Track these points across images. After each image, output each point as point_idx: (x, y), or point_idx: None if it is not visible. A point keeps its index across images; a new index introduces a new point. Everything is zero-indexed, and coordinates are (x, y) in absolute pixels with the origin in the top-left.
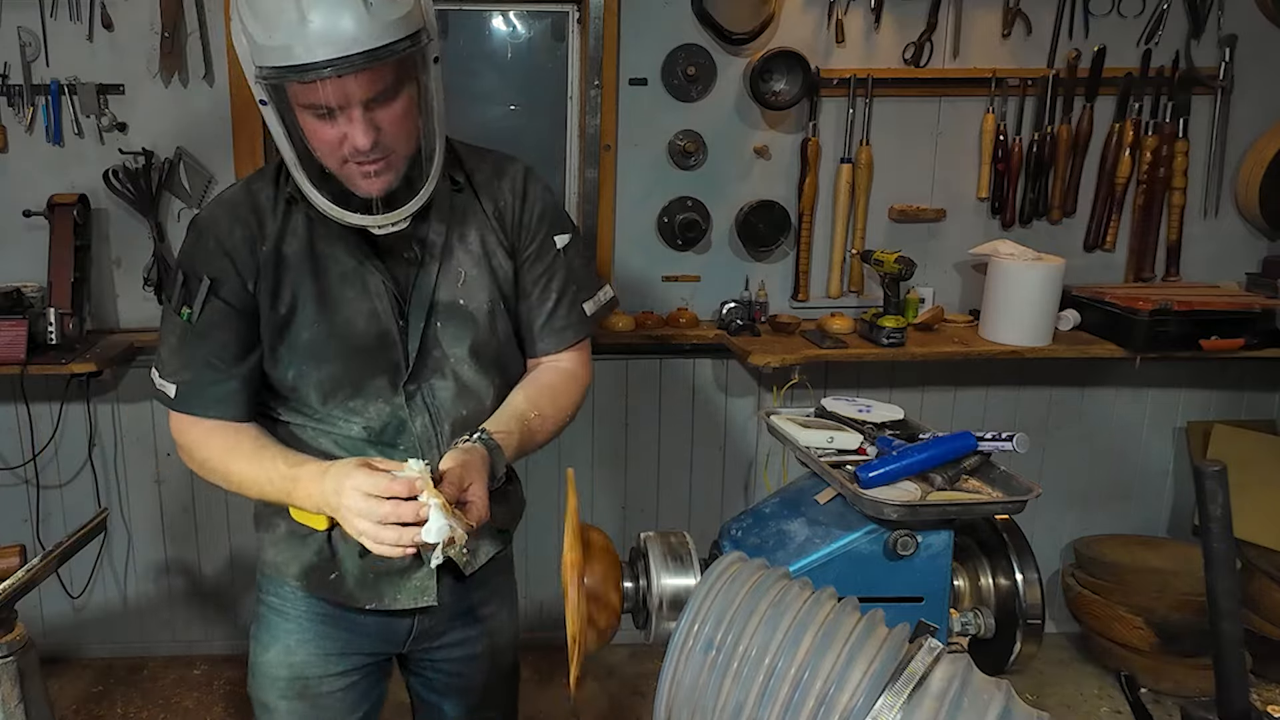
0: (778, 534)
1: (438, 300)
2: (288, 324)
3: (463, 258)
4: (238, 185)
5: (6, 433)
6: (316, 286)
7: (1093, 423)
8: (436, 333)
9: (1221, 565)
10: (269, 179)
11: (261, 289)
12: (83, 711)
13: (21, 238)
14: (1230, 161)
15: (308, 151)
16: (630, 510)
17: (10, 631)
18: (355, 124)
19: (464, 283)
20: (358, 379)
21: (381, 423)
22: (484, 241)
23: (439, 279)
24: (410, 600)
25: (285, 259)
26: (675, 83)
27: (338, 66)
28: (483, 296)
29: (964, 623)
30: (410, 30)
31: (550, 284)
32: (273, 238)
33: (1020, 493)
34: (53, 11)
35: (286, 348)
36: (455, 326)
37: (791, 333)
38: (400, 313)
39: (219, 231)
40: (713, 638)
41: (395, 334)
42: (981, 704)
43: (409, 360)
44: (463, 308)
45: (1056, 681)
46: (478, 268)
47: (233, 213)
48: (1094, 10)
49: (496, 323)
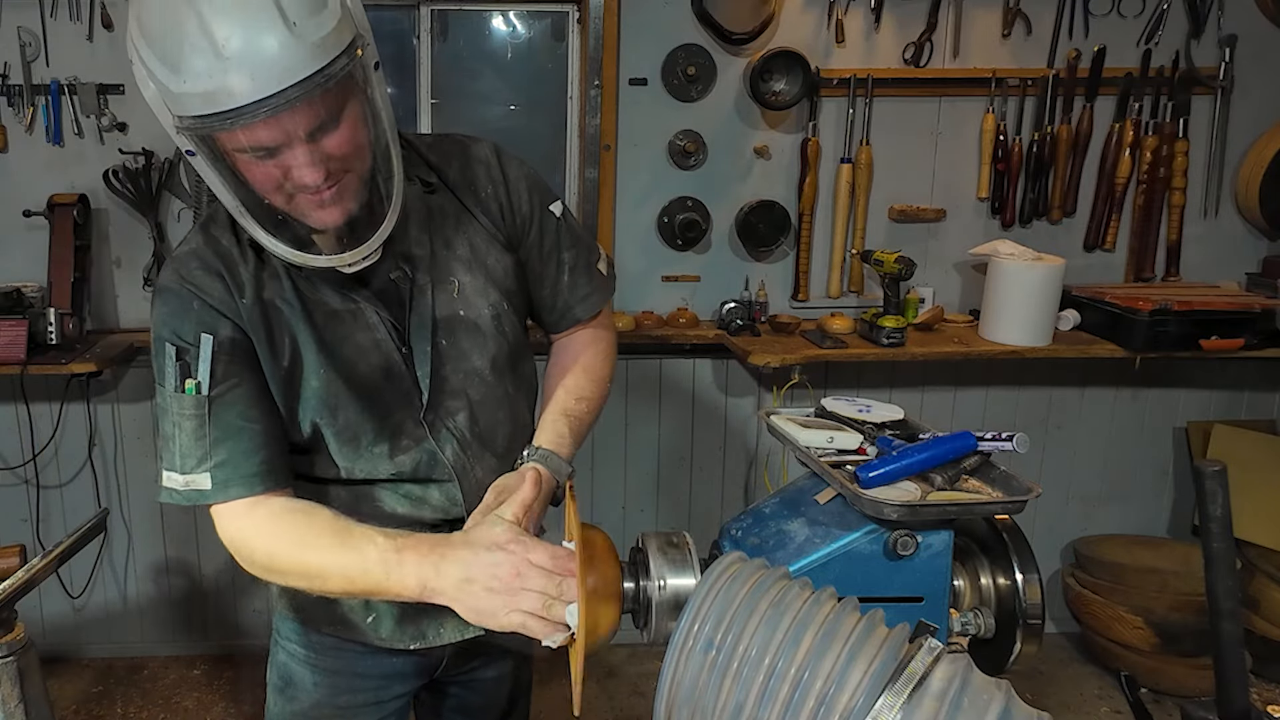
0: (778, 534)
1: (438, 317)
2: (293, 375)
3: (453, 265)
4: (193, 236)
5: (6, 433)
6: (311, 330)
7: (1093, 423)
8: (444, 352)
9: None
10: (225, 225)
11: (257, 343)
12: (83, 711)
13: (21, 238)
14: (1230, 161)
15: (251, 195)
16: (630, 510)
17: (10, 631)
18: (299, 159)
19: (460, 291)
20: (376, 420)
21: (413, 462)
22: (472, 242)
23: (434, 294)
24: (455, 634)
25: (270, 307)
26: (675, 83)
27: (271, 105)
28: (483, 302)
29: (964, 623)
30: (344, 45)
31: (563, 256)
32: (250, 287)
33: (1020, 493)
34: (53, 11)
35: (300, 402)
36: (463, 341)
37: (791, 333)
38: (402, 339)
39: (197, 287)
40: (713, 638)
41: (401, 363)
42: (981, 704)
43: (423, 388)
44: (465, 319)
45: (1056, 681)
46: (471, 273)
47: (203, 266)
48: (1094, 10)
49: (504, 326)
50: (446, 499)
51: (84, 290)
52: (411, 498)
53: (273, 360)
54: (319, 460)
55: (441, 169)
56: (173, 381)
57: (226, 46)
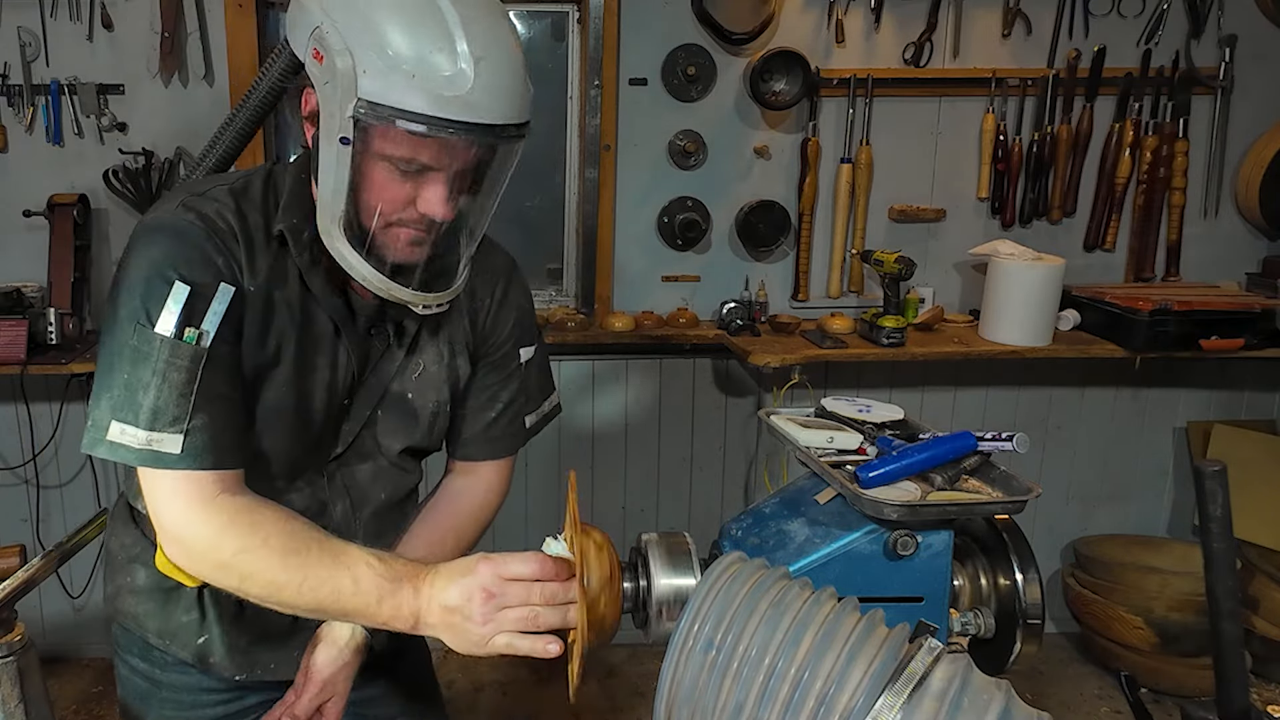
0: (778, 534)
1: (390, 390)
2: (260, 377)
3: (428, 351)
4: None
5: (6, 433)
6: (299, 344)
7: (1093, 423)
8: (375, 420)
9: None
10: (257, 205)
11: (245, 330)
12: (83, 711)
13: (21, 238)
14: (1230, 161)
15: (364, 203)
16: (630, 510)
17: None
18: (440, 190)
19: (419, 376)
20: (292, 454)
21: (302, 505)
22: (451, 339)
23: (399, 370)
24: (293, 670)
25: (273, 306)
26: (675, 83)
27: (494, 135)
28: (432, 396)
29: (964, 623)
30: (531, 114)
31: (500, 394)
32: (263, 276)
33: (1020, 493)
34: (53, 11)
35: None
36: (396, 420)
37: (791, 333)
38: (348, 394)
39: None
40: (713, 638)
41: (336, 412)
42: (981, 704)
43: (340, 441)
44: (409, 402)
45: (1056, 681)
46: (436, 364)
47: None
48: (1094, 10)
49: (437, 424)
50: None
51: (84, 290)
52: None
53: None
54: None
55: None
56: (172, 324)
57: (475, 61)
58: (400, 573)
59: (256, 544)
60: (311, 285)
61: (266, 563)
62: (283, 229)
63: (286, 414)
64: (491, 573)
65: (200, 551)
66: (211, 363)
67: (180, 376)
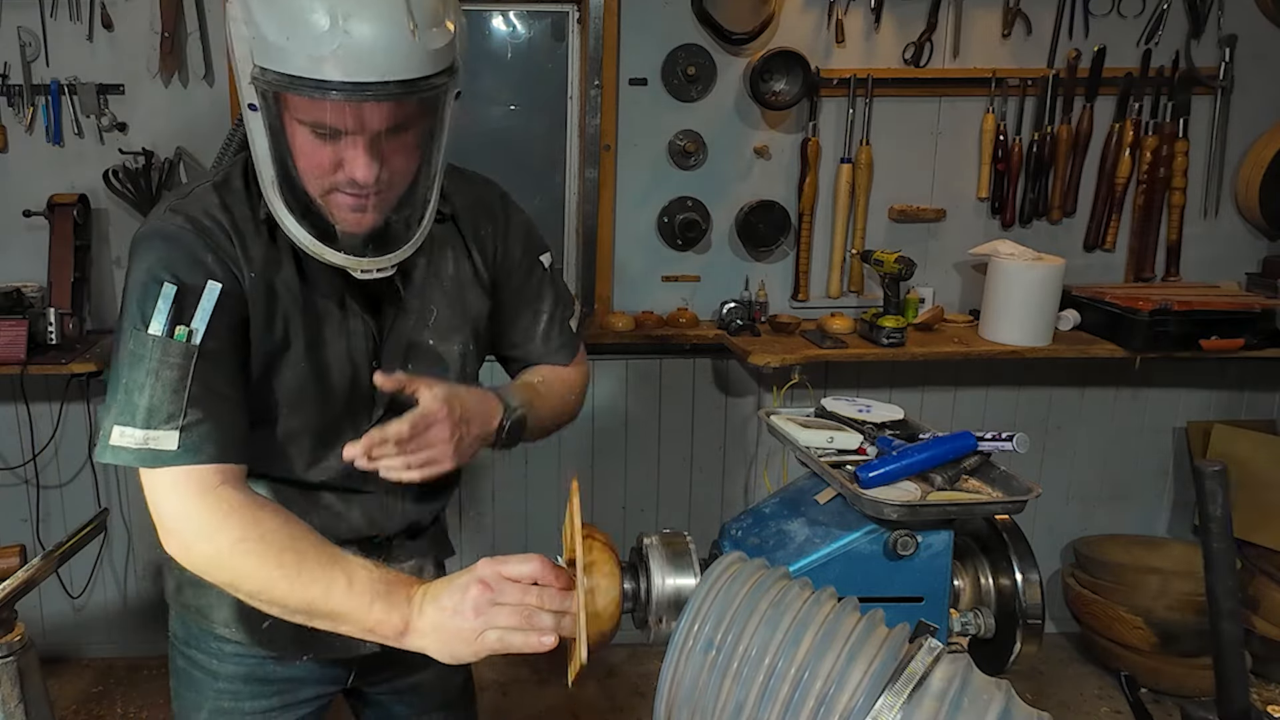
0: (778, 534)
1: (411, 343)
2: (275, 361)
3: (437, 295)
4: (204, 192)
5: (6, 433)
6: (305, 322)
7: (1093, 423)
8: None
9: (1221, 565)
10: (240, 196)
11: (254, 317)
12: (83, 711)
13: (21, 238)
14: (1230, 161)
15: (288, 173)
16: (630, 510)
17: (10, 631)
18: (359, 153)
19: (435, 321)
20: (326, 427)
21: (343, 470)
22: (459, 277)
23: (415, 320)
24: (348, 648)
25: (274, 290)
26: (675, 83)
27: (368, 93)
28: (455, 338)
29: (964, 623)
30: (447, 64)
31: (541, 305)
32: (259, 264)
33: (1020, 493)
34: (53, 11)
35: (267, 388)
36: (427, 371)
37: (791, 333)
38: (375, 355)
39: (209, 236)
40: (713, 638)
41: (368, 379)
42: (981, 704)
43: (377, 404)
44: (433, 349)
45: (1056, 681)
46: (451, 307)
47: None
48: (1094, 10)
49: (467, 366)
50: (365, 519)
51: (84, 290)
52: (332, 510)
53: (267, 337)
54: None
55: (452, 198)
56: (162, 324)
57: (349, 21)
58: (396, 579)
59: (254, 537)
60: (306, 262)
61: (262, 558)
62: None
63: (309, 391)
64: (491, 569)
65: (198, 544)
66: (204, 359)
67: (173, 374)
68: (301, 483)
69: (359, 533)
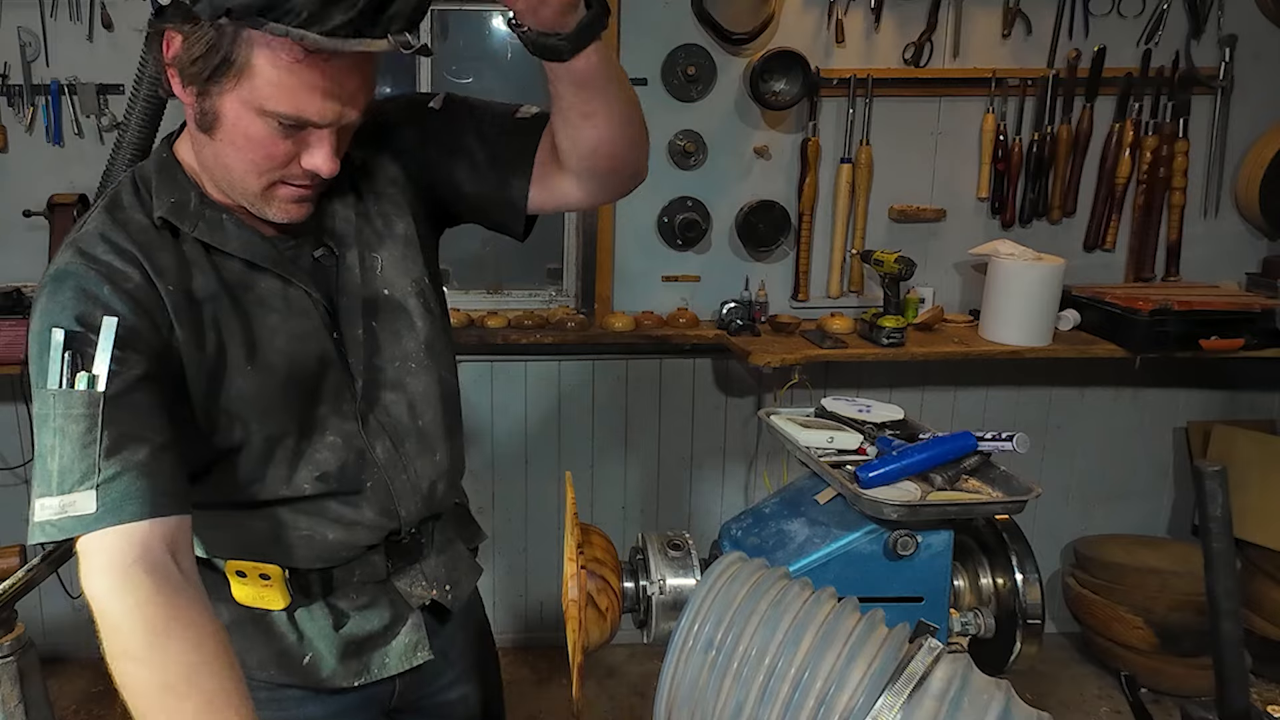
0: (778, 534)
1: (365, 299)
2: (217, 375)
3: (373, 241)
4: (95, 218)
5: (6, 433)
6: (238, 323)
7: (1093, 423)
8: (376, 336)
9: (1221, 565)
10: (134, 205)
11: (181, 335)
12: (83, 711)
13: (21, 238)
14: (1230, 161)
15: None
16: (630, 510)
17: (10, 631)
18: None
19: (381, 269)
20: (303, 418)
21: (339, 462)
22: (382, 212)
23: (361, 272)
24: (402, 662)
25: (194, 297)
26: (675, 83)
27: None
28: (405, 280)
29: (964, 623)
30: None
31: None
32: (173, 274)
33: (1020, 493)
34: (53, 11)
35: (220, 407)
36: (391, 321)
37: (791, 333)
38: (333, 325)
39: (106, 268)
40: (713, 638)
41: (332, 352)
42: (981, 704)
43: (356, 378)
44: (390, 299)
45: (1056, 681)
46: (388, 247)
47: (114, 249)
48: (1094, 10)
49: (429, 301)
50: (379, 512)
51: None
52: (343, 521)
53: (199, 354)
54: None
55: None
56: (58, 376)
57: None
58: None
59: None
60: (224, 245)
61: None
62: (163, 215)
63: (270, 390)
64: None
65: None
66: (113, 404)
67: (78, 428)
68: (303, 499)
69: (380, 531)
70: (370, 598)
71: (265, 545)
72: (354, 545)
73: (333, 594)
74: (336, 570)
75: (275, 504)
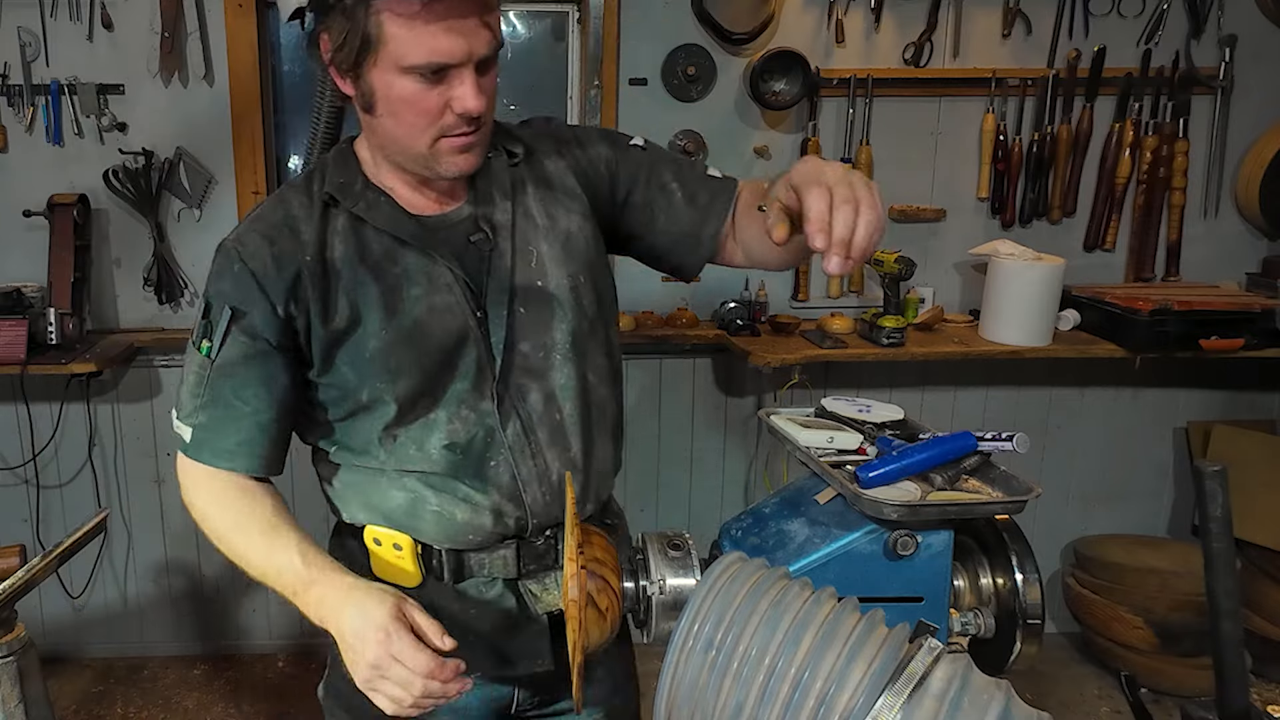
0: (778, 534)
1: (516, 285)
2: (346, 338)
3: (532, 234)
4: (271, 197)
5: (6, 433)
6: (378, 289)
7: (1093, 423)
8: (520, 321)
9: (1221, 565)
10: (300, 186)
11: (306, 308)
12: (83, 711)
13: (21, 238)
14: (1230, 161)
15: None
16: (630, 510)
17: (10, 631)
18: (468, 84)
19: (537, 261)
20: (437, 387)
21: (468, 435)
22: (550, 213)
23: (514, 260)
24: (502, 668)
25: (332, 266)
26: (675, 83)
27: None
28: (560, 272)
29: (964, 623)
30: None
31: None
32: (313, 246)
33: (1020, 493)
34: (53, 11)
35: (351, 366)
36: (539, 310)
37: (791, 333)
38: (477, 305)
39: (246, 253)
40: (713, 638)
41: (475, 329)
42: (981, 704)
43: (495, 356)
44: (542, 289)
45: (1056, 681)
46: (549, 242)
47: (265, 230)
48: (1094, 10)
49: (582, 299)
50: (506, 496)
51: (84, 290)
52: (471, 502)
53: (324, 324)
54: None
55: (527, 142)
56: (194, 335)
57: None
58: (316, 577)
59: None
60: (375, 221)
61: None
62: (329, 191)
63: (402, 351)
64: (383, 649)
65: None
66: (217, 371)
67: (194, 378)
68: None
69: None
70: (497, 594)
71: (400, 515)
72: (482, 530)
73: (462, 580)
74: (468, 557)
75: (410, 474)
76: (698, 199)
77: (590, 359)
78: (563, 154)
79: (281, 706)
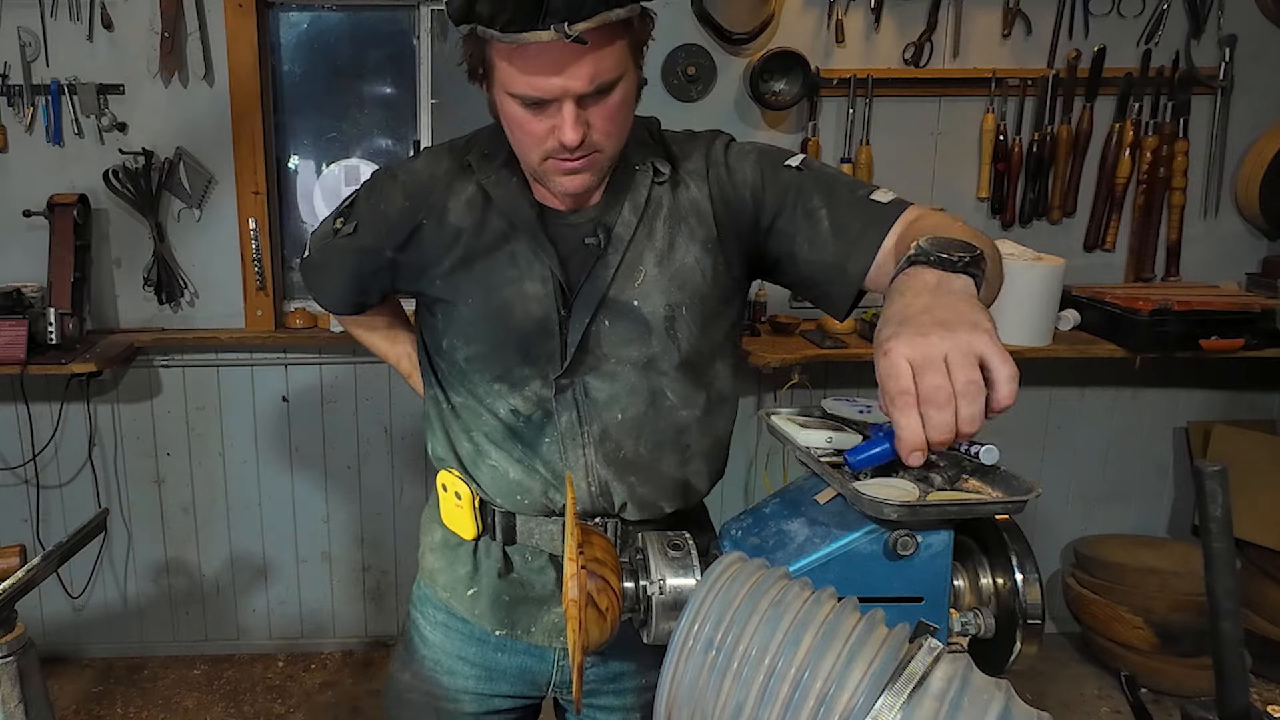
0: (778, 534)
1: (609, 296)
2: (441, 297)
3: (646, 254)
4: (429, 151)
5: (6, 433)
6: (481, 264)
7: (1093, 423)
8: (601, 331)
9: (1221, 565)
10: (459, 148)
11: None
12: (83, 711)
13: (21, 238)
14: (1230, 161)
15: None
16: None
17: (10, 631)
18: (566, 117)
19: (642, 281)
20: (507, 363)
21: (530, 410)
22: (673, 238)
23: (617, 273)
24: (545, 638)
25: (449, 230)
26: (675, 83)
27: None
28: (660, 300)
29: (964, 623)
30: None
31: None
32: (437, 210)
33: (1020, 493)
34: (53, 11)
35: (443, 320)
36: (625, 328)
37: (791, 333)
38: (564, 302)
39: (385, 196)
40: (713, 638)
41: (555, 324)
42: (981, 704)
43: (565, 354)
44: (635, 309)
45: (1056, 681)
46: (659, 266)
47: (408, 181)
48: (1094, 10)
49: (678, 330)
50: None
51: (84, 290)
52: (524, 463)
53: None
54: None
55: (679, 162)
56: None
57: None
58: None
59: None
60: (496, 198)
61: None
62: (470, 159)
63: (481, 323)
64: None
65: None
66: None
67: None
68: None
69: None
70: (541, 564)
71: (466, 461)
72: (531, 492)
73: (512, 544)
74: (519, 520)
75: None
76: (847, 229)
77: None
78: (708, 177)
79: (281, 706)
